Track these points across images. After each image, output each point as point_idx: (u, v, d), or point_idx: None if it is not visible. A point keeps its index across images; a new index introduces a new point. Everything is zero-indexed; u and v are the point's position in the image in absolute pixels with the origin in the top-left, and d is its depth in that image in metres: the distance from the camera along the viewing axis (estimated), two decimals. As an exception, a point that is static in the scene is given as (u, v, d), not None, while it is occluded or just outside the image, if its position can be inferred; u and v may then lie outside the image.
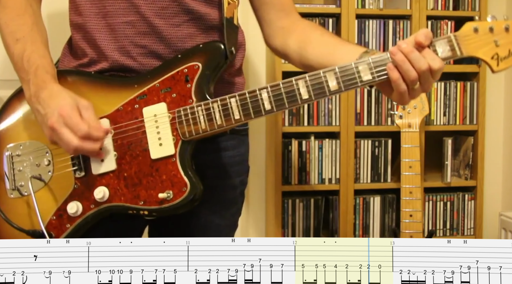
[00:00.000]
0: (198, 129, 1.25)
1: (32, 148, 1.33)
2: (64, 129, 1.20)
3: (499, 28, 1.15)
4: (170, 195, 1.23)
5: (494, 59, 1.16)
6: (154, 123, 1.26)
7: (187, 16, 1.35)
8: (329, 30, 2.88)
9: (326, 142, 2.90)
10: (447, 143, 3.02)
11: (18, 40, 1.31)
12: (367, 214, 2.97)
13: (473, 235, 3.07)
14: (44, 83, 1.26)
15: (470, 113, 3.01)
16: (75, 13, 1.39)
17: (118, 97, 1.30)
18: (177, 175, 1.24)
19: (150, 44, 1.33)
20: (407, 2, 2.89)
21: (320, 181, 2.91)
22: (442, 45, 1.17)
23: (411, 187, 2.37)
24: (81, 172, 1.29)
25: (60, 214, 1.29)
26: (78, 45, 1.40)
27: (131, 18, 1.32)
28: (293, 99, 1.21)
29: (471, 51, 1.16)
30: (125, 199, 1.26)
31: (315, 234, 2.93)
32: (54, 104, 1.22)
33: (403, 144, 2.40)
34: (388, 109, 2.93)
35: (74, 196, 1.29)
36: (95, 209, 1.27)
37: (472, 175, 3.04)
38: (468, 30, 1.16)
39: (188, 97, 1.26)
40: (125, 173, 1.27)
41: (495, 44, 1.15)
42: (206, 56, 1.28)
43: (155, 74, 1.30)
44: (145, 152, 1.26)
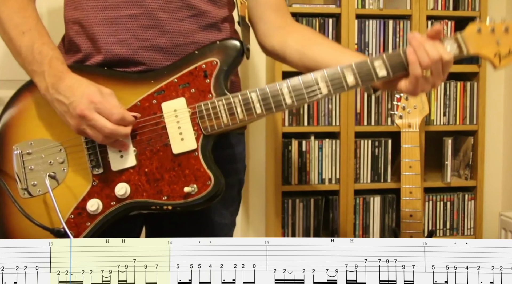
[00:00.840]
0: (220, 123, 1.26)
1: (43, 145, 1.31)
2: (96, 115, 1.19)
3: (500, 29, 1.27)
4: (194, 189, 1.24)
5: (496, 57, 1.28)
6: (174, 118, 1.27)
7: (189, 12, 1.36)
8: (329, 30, 2.88)
9: (326, 142, 2.90)
10: (447, 143, 3.03)
11: (24, 33, 1.30)
12: (367, 214, 2.97)
13: (473, 235, 3.07)
14: (62, 73, 1.25)
15: (470, 113, 3.01)
16: (72, 9, 1.38)
17: (134, 93, 1.30)
18: (200, 169, 1.25)
19: (152, 37, 1.33)
20: (407, 2, 2.90)
21: (320, 181, 2.91)
22: (450, 44, 1.27)
23: (411, 187, 2.37)
24: (99, 168, 1.28)
25: (79, 212, 1.27)
26: (73, 41, 1.39)
27: (134, 11, 1.32)
28: (313, 94, 1.26)
29: (476, 49, 1.28)
30: (148, 195, 1.25)
31: (315, 234, 2.93)
32: (79, 92, 1.21)
33: (403, 144, 2.39)
34: (388, 109, 2.93)
35: (93, 193, 1.27)
36: (116, 205, 1.26)
37: (472, 175, 3.04)
38: (472, 31, 1.28)
39: (208, 92, 1.28)
40: (146, 168, 1.26)
41: (496, 43, 1.27)
42: (224, 53, 1.30)
43: (172, 70, 1.30)
44: (166, 147, 1.26)
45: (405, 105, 2.38)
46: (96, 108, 1.19)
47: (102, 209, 1.26)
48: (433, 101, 2.98)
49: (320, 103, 2.87)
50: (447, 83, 2.99)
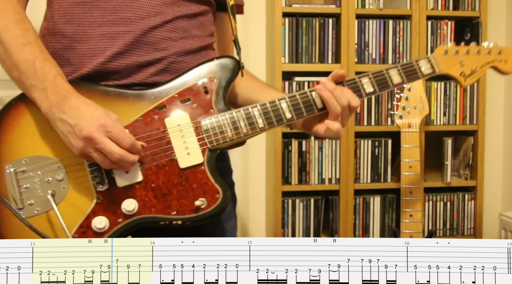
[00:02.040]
0: (225, 138, 1.28)
1: (39, 162, 1.25)
2: (105, 138, 1.16)
3: (462, 52, 1.42)
4: (204, 202, 1.24)
5: (462, 76, 1.42)
6: (179, 133, 1.27)
7: (182, 34, 1.38)
8: (329, 30, 2.89)
9: (326, 142, 2.90)
10: (447, 143, 3.03)
11: (24, 45, 1.25)
12: (367, 214, 2.98)
13: (473, 235, 3.07)
14: (67, 92, 1.21)
15: (470, 113, 3.01)
16: (63, 22, 1.35)
17: (134, 108, 1.29)
18: (208, 183, 1.26)
19: (147, 53, 1.33)
20: (407, 2, 2.90)
21: (320, 181, 2.92)
22: (424, 64, 1.38)
23: (411, 187, 2.36)
24: (104, 185, 1.24)
25: (84, 231, 1.23)
26: (59, 54, 1.34)
27: (130, 28, 1.32)
28: (310, 108, 1.32)
29: (444, 69, 1.40)
30: (156, 210, 1.24)
31: (315, 234, 2.94)
32: (88, 114, 1.18)
33: (403, 144, 2.39)
34: (388, 109, 2.94)
35: (98, 210, 1.24)
36: (123, 222, 1.24)
37: (472, 175, 3.04)
38: (440, 52, 1.41)
39: (209, 108, 1.30)
40: (153, 183, 1.25)
41: (461, 64, 1.42)
42: (222, 70, 1.34)
43: (172, 86, 1.32)
44: (172, 161, 1.26)
45: (405, 105, 2.37)
46: (107, 132, 1.17)
47: (109, 227, 1.23)
48: (433, 101, 2.98)
49: (320, 103, 2.87)
50: (447, 83, 2.99)
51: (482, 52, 1.43)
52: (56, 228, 1.23)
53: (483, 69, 1.44)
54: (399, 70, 1.36)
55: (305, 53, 2.89)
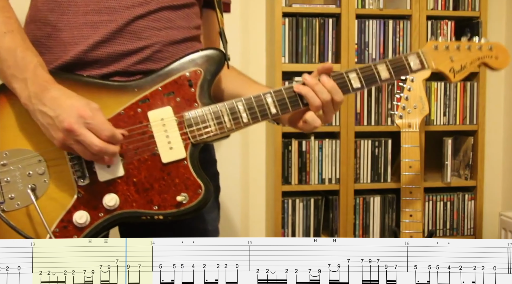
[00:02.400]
0: (209, 132, 1.27)
1: (19, 155, 1.24)
2: (84, 130, 1.15)
3: (452, 47, 1.40)
4: (186, 197, 1.23)
5: (451, 72, 1.41)
6: (162, 127, 1.26)
7: (167, 24, 1.36)
8: (329, 30, 2.89)
9: (326, 142, 2.90)
10: (447, 143, 3.03)
11: (6, 33, 1.23)
12: (367, 214, 2.98)
13: (473, 235, 3.07)
14: (47, 83, 1.19)
15: (470, 113, 3.01)
16: (47, 9, 1.33)
17: (117, 101, 1.27)
18: (190, 178, 1.25)
19: (130, 42, 1.32)
20: (407, 2, 2.90)
21: (320, 181, 2.92)
22: (413, 59, 1.37)
23: (411, 187, 2.36)
24: (85, 179, 1.23)
25: (65, 226, 1.22)
26: (41, 42, 1.33)
27: (114, 17, 1.30)
28: (295, 103, 1.32)
29: (434, 65, 1.39)
30: (138, 205, 1.24)
31: (315, 234, 2.94)
32: (68, 105, 1.16)
33: (403, 144, 2.38)
34: (388, 109, 2.94)
35: (79, 205, 1.23)
36: (104, 217, 1.23)
37: (472, 175, 3.04)
38: (430, 48, 1.40)
39: (193, 101, 1.28)
40: (134, 178, 1.24)
41: (450, 60, 1.40)
42: (207, 62, 1.31)
43: (155, 79, 1.29)
44: (154, 156, 1.25)
45: (405, 105, 2.37)
46: (86, 123, 1.15)
47: (90, 221, 1.22)
48: (433, 101, 2.98)
49: (320, 103, 2.87)
50: (447, 83, 2.99)
51: (473, 48, 1.42)
52: (37, 222, 1.21)
53: (473, 65, 1.43)
54: (387, 65, 1.35)
55: (305, 53, 2.89)
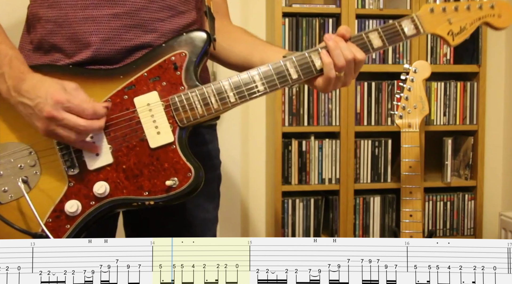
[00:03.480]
0: (196, 114, 1.26)
1: (10, 149, 1.26)
2: (65, 114, 1.15)
3: (450, 8, 1.33)
4: (176, 182, 1.22)
5: (450, 35, 1.34)
6: (148, 112, 1.26)
7: (169, 12, 1.35)
8: (329, 30, 2.89)
9: (326, 142, 2.90)
10: (447, 143, 3.03)
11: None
12: (367, 214, 2.98)
13: (473, 235, 3.07)
14: (22, 74, 1.20)
15: (470, 113, 3.01)
16: (46, 6, 1.33)
17: (103, 89, 1.27)
18: (180, 162, 1.24)
19: (135, 37, 1.32)
20: (407, 2, 2.90)
21: (320, 181, 2.92)
22: (408, 25, 1.32)
23: (411, 187, 2.35)
24: (75, 168, 1.24)
25: (57, 215, 1.23)
26: (45, 40, 1.34)
27: (116, 10, 1.30)
28: (283, 79, 1.29)
29: (431, 29, 1.33)
30: (128, 192, 1.24)
31: (315, 234, 2.94)
32: (43, 92, 1.16)
33: (403, 144, 2.38)
34: (388, 109, 2.93)
35: (71, 194, 1.24)
36: (95, 205, 1.24)
37: (472, 175, 3.04)
38: (425, 10, 1.33)
39: (179, 85, 1.27)
40: (124, 165, 1.25)
41: (448, 22, 1.34)
42: (192, 44, 1.30)
43: (140, 64, 1.29)
44: (142, 141, 1.25)
45: (405, 105, 2.37)
46: (64, 107, 1.15)
47: (82, 210, 1.23)
48: (433, 101, 2.98)
49: (320, 103, 2.87)
50: (447, 83, 2.99)
51: (473, 8, 1.34)
52: (31, 213, 1.21)
53: (474, 26, 1.36)
54: (379, 32, 1.31)
55: (305, 53, 2.88)
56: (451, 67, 2.96)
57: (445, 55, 2.97)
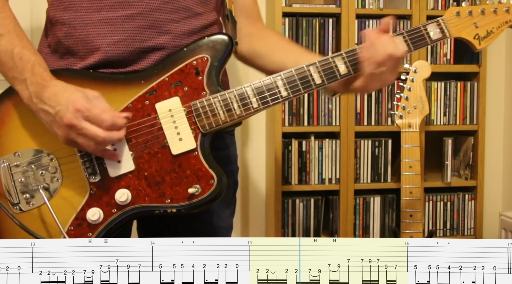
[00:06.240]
0: (218, 120, 1.24)
1: (32, 155, 1.24)
2: (85, 123, 1.14)
3: (477, 12, 1.30)
4: (198, 189, 1.21)
5: (476, 39, 1.31)
6: (170, 118, 1.24)
7: (185, 14, 1.34)
8: (329, 30, 2.89)
9: (326, 141, 2.90)
10: (447, 143, 3.02)
11: (2, 35, 1.23)
12: (367, 214, 2.97)
13: (473, 235, 3.07)
14: (45, 81, 1.18)
15: (470, 113, 3.01)
16: (61, 9, 1.32)
17: (124, 94, 1.25)
18: (202, 169, 1.22)
19: (150, 38, 1.30)
20: (407, 2, 2.90)
21: (320, 181, 2.92)
22: (433, 29, 1.29)
23: (411, 187, 2.36)
24: (96, 176, 1.22)
25: (79, 223, 1.21)
26: (61, 42, 1.33)
27: (130, 11, 1.29)
28: (307, 84, 1.26)
29: (456, 33, 1.30)
30: (150, 199, 1.22)
31: (315, 234, 2.94)
32: (64, 100, 1.15)
33: (403, 144, 2.39)
34: (388, 109, 2.93)
35: (92, 202, 1.22)
36: (117, 213, 1.22)
37: (472, 175, 3.04)
38: (451, 14, 1.30)
39: (201, 90, 1.25)
40: (145, 172, 1.23)
41: (475, 26, 1.31)
42: (213, 48, 1.27)
43: (162, 69, 1.27)
44: (164, 148, 1.23)
45: (405, 105, 2.37)
46: (84, 116, 1.14)
47: (104, 218, 1.22)
48: (433, 101, 2.98)
49: (320, 103, 2.87)
50: (447, 83, 2.99)
51: (499, 11, 1.30)
52: (53, 221, 1.20)
53: (501, 29, 1.32)
54: (404, 37, 1.28)
55: (305, 53, 2.88)
56: (451, 67, 2.96)
57: (445, 55, 2.97)
